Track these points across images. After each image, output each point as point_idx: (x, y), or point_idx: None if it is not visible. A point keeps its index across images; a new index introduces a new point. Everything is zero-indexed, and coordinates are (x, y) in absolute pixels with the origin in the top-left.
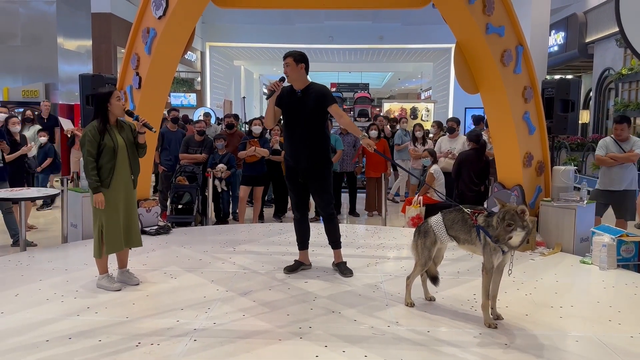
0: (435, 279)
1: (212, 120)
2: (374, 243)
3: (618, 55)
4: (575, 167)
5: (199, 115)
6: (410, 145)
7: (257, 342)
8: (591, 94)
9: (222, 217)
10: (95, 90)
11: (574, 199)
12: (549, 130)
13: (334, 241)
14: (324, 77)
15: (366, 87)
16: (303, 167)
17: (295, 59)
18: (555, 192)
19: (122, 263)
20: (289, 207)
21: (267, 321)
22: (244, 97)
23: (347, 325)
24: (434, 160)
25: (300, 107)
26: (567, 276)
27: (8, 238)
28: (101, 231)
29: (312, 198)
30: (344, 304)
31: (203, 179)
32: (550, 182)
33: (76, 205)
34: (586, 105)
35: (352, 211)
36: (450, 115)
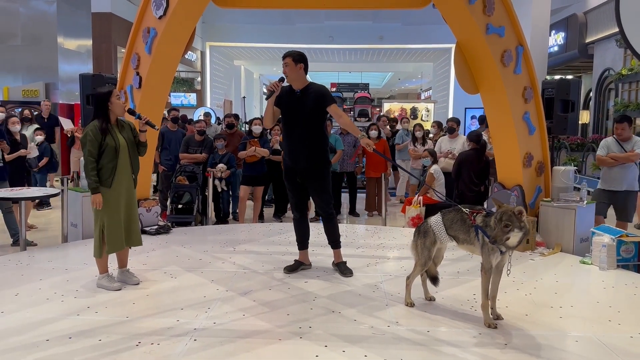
0: (435, 279)
1: (212, 120)
2: (374, 243)
3: (618, 56)
4: (575, 168)
5: (199, 115)
6: (410, 145)
7: (257, 341)
8: (591, 94)
9: (222, 217)
10: (95, 90)
11: (573, 199)
12: (549, 130)
13: (333, 241)
14: (324, 77)
15: (366, 87)
16: (302, 167)
17: (294, 59)
18: (555, 193)
19: (122, 262)
20: (289, 207)
21: (267, 321)
22: (244, 97)
23: (347, 325)
24: (434, 160)
25: (299, 107)
26: (567, 276)
27: (8, 237)
28: (102, 231)
29: (311, 198)
30: (343, 303)
31: (203, 178)
32: (550, 182)
33: (76, 204)
34: (586, 106)
35: (352, 211)
36: (450, 116)
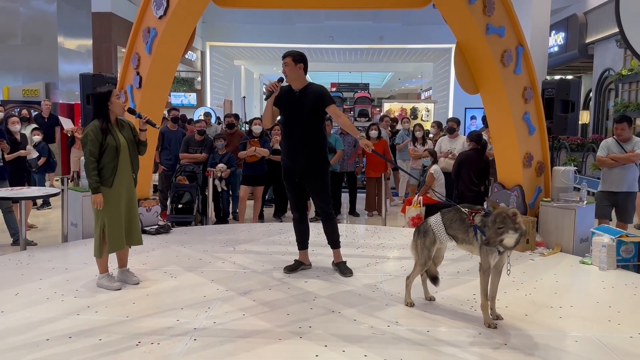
0: (435, 279)
1: (212, 119)
2: (374, 243)
3: (618, 56)
4: (575, 168)
5: (199, 114)
6: (410, 145)
7: (257, 341)
8: (591, 94)
9: (222, 217)
10: (95, 89)
11: (573, 200)
12: (549, 130)
13: (333, 241)
14: (324, 77)
15: (366, 87)
16: (300, 167)
17: (294, 58)
18: (555, 193)
19: (122, 262)
20: (289, 206)
21: (267, 321)
22: (244, 97)
23: (347, 324)
24: (434, 160)
25: (299, 107)
26: (567, 276)
27: (8, 237)
28: (103, 230)
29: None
30: (343, 303)
31: (203, 178)
32: (550, 182)
33: (76, 204)
34: (586, 106)
35: (352, 211)
36: (450, 116)
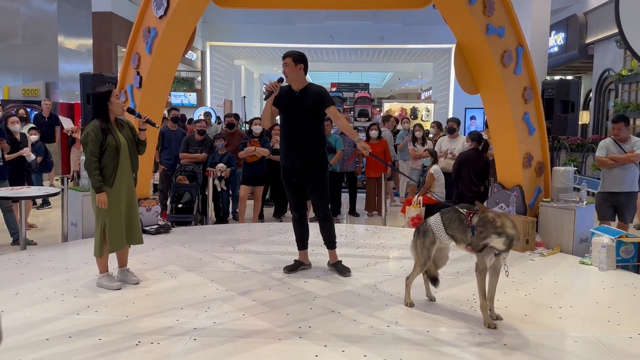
0: (435, 279)
1: (213, 119)
2: (373, 243)
3: (618, 56)
4: (575, 168)
5: (199, 114)
6: (410, 145)
7: (257, 341)
8: (591, 94)
9: (222, 217)
10: (95, 89)
11: (573, 200)
12: (549, 131)
13: (329, 242)
14: (324, 77)
15: (366, 87)
16: (299, 167)
17: (294, 59)
18: (555, 193)
19: (122, 262)
20: (289, 206)
21: (266, 320)
22: (244, 97)
23: (347, 325)
24: (434, 160)
25: (298, 107)
26: (567, 277)
27: (8, 237)
28: (104, 230)
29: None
30: (343, 303)
31: (203, 178)
32: (550, 182)
33: (76, 204)
34: (586, 106)
35: (352, 211)
36: (450, 116)
